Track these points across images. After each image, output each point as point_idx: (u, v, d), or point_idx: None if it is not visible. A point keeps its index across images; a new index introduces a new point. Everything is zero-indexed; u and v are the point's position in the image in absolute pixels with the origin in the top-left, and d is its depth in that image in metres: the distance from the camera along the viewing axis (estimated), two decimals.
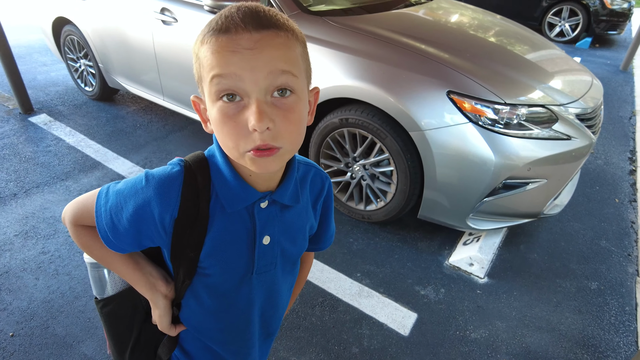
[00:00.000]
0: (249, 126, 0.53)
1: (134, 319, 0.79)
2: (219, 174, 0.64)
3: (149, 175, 0.63)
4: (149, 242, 0.67)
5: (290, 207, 0.71)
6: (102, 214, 0.65)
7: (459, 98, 1.89)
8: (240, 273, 0.70)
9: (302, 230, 0.76)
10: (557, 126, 1.96)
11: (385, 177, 2.21)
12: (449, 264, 2.15)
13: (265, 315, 0.80)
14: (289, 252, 0.75)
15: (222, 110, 0.54)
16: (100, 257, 0.71)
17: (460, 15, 2.83)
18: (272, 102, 0.54)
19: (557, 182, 2.05)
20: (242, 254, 0.69)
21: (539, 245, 2.33)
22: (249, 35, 0.52)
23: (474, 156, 1.89)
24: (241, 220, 0.67)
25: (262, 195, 0.66)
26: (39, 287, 1.92)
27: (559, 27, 6.76)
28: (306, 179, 0.74)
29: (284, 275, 0.78)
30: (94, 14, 3.16)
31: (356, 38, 2.13)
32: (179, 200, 0.62)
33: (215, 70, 0.53)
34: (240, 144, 0.55)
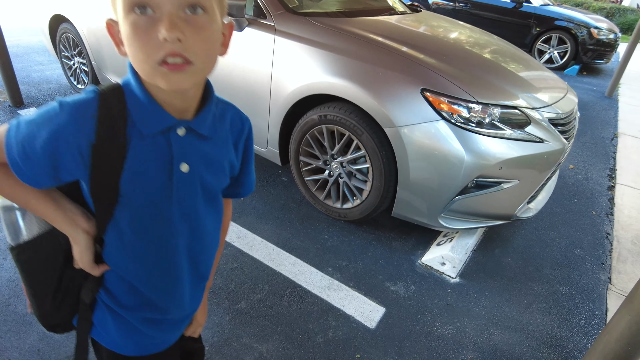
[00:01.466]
0: (160, 36, 0.54)
1: (54, 264, 0.75)
2: (134, 99, 0.64)
3: (62, 102, 0.62)
4: (67, 174, 0.65)
5: (209, 138, 0.72)
6: (14, 145, 0.62)
7: (432, 96, 1.93)
8: (159, 200, 0.70)
9: (221, 164, 0.76)
10: (530, 129, 2.00)
11: (362, 175, 2.23)
12: (421, 263, 2.15)
13: (192, 252, 0.78)
14: (208, 184, 0.75)
15: (134, 22, 0.55)
16: (12, 195, 0.68)
17: (443, 26, 2.91)
18: (184, 18, 0.56)
19: (530, 184, 2.08)
20: (160, 180, 0.69)
21: (513, 250, 2.34)
22: None
23: (446, 153, 1.92)
24: (158, 146, 0.67)
25: (178, 121, 0.67)
26: (5, 267, 1.89)
27: (548, 54, 6.94)
28: (225, 116, 0.76)
29: (208, 209, 0.78)
30: (90, 13, 3.23)
31: (337, 37, 2.19)
32: (95, 124, 0.62)
33: None
34: (151, 55, 0.56)
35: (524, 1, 6.97)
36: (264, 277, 1.95)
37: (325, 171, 2.37)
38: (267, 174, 2.81)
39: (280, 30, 2.27)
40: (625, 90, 6.07)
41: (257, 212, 2.40)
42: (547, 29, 6.83)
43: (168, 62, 0.56)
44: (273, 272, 1.98)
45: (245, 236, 2.19)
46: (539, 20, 6.88)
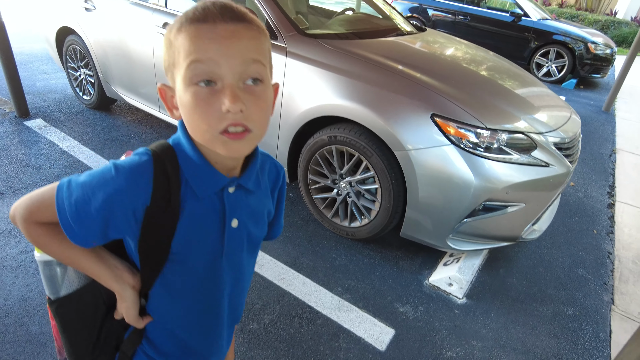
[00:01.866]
0: (223, 108, 0.57)
1: (95, 316, 0.77)
2: (187, 161, 0.66)
3: (118, 165, 0.63)
4: (116, 233, 0.67)
5: (253, 192, 0.75)
6: (67, 207, 0.63)
7: (442, 121, 1.98)
8: (211, 256, 0.72)
9: (263, 215, 0.79)
10: (536, 153, 2.05)
11: (370, 195, 2.26)
12: (428, 283, 2.18)
13: (233, 299, 0.81)
14: (253, 235, 0.78)
15: (197, 94, 0.58)
16: (59, 254, 0.69)
17: (450, 47, 2.97)
18: (244, 89, 0.59)
19: (535, 207, 2.12)
20: (213, 238, 0.71)
21: (517, 270, 2.38)
22: (226, 26, 0.57)
23: (455, 177, 1.96)
24: (211, 205, 0.69)
25: (230, 180, 0.69)
26: (17, 285, 1.91)
27: (546, 67, 7.04)
28: (264, 167, 0.79)
29: (248, 258, 0.81)
30: (98, 26, 3.26)
31: (347, 60, 2.23)
32: (150, 187, 0.63)
33: (193, 55, 0.57)
34: (213, 125, 0.58)
35: (522, 15, 7.07)
36: (274, 297, 1.98)
37: (333, 190, 2.40)
38: None
39: (291, 52, 2.31)
40: (621, 105, 6.16)
41: None
42: (545, 42, 6.93)
43: (229, 132, 0.59)
44: (283, 292, 2.01)
45: None
46: (537, 34, 6.98)
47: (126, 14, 3.05)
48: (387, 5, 3.41)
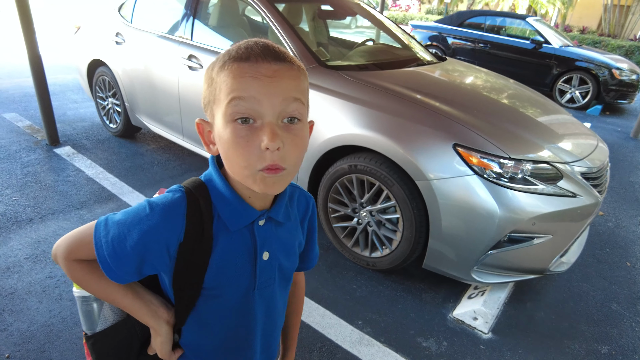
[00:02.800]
0: (262, 145, 0.58)
1: (129, 351, 0.78)
2: (219, 196, 0.68)
3: (152, 203, 0.66)
4: (151, 269, 0.68)
5: (283, 224, 0.75)
6: (104, 245, 0.65)
7: (465, 151, 1.95)
8: (243, 290, 0.73)
9: (294, 246, 0.80)
10: (563, 183, 2.00)
11: (391, 225, 2.23)
12: (452, 317, 2.11)
13: (266, 332, 0.81)
14: (284, 267, 0.78)
15: (236, 131, 0.59)
16: (97, 290, 0.71)
17: (471, 76, 2.96)
18: (282, 127, 0.60)
19: (563, 239, 2.05)
20: (245, 271, 0.71)
21: (546, 304, 2.28)
22: (269, 65, 0.59)
23: (479, 208, 1.91)
24: (242, 238, 0.70)
25: (260, 213, 0.70)
26: (41, 310, 1.93)
27: (570, 94, 6.94)
28: (293, 198, 0.79)
29: (281, 291, 0.80)
30: (127, 58, 3.40)
31: (368, 91, 2.25)
32: (184, 224, 0.65)
33: (235, 92, 0.58)
34: (252, 163, 0.60)
35: (543, 42, 7.05)
36: None
37: (353, 219, 2.38)
38: None
39: (313, 84, 2.34)
40: None
41: None
42: (567, 69, 6.86)
43: (267, 168, 0.60)
44: (303, 324, 1.97)
45: None
46: (559, 61, 6.93)
47: (153, 47, 3.17)
48: (406, 35, 3.45)
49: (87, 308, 0.75)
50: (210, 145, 0.67)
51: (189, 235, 0.65)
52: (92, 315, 0.76)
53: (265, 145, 0.58)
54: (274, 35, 2.60)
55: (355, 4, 3.40)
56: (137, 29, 3.37)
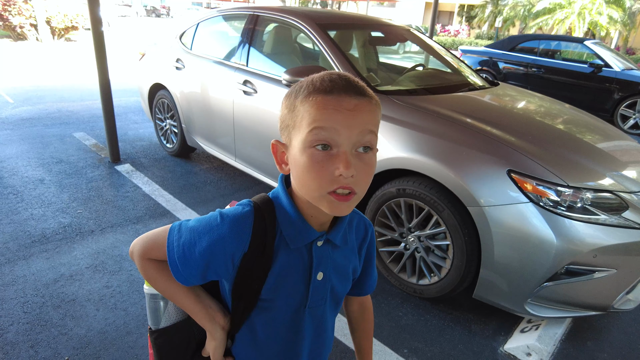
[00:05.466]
0: (337, 172, 0.62)
1: (186, 350, 0.83)
2: (283, 214, 0.72)
3: (223, 214, 0.71)
4: (214, 275, 0.73)
5: (340, 247, 0.78)
6: (175, 248, 0.71)
7: (519, 177, 1.89)
8: (295, 306, 0.76)
9: (347, 271, 0.82)
10: (628, 214, 1.87)
11: (441, 251, 2.18)
12: (503, 351, 2.00)
13: (313, 352, 0.82)
14: (337, 290, 0.81)
15: (314, 156, 0.63)
16: (164, 289, 0.77)
17: (524, 101, 2.89)
18: (355, 155, 0.64)
19: (629, 274, 1.91)
20: (299, 288, 0.75)
21: (609, 345, 2.11)
22: (350, 99, 0.63)
23: (534, 237, 1.83)
24: (300, 256, 0.74)
25: (320, 234, 0.73)
26: (98, 318, 2.03)
27: (634, 119, 6.55)
28: (352, 223, 0.82)
29: (331, 312, 0.83)
30: (185, 82, 3.61)
31: (419, 115, 2.25)
32: (250, 236, 0.70)
33: (318, 122, 0.62)
34: (324, 186, 0.64)
35: (603, 66, 6.75)
36: (337, 353, 1.91)
37: (400, 244, 2.34)
38: None
39: None
40: None
41: None
42: (631, 93, 6.50)
43: (337, 193, 0.64)
44: (346, 349, 1.94)
45: None
46: (621, 85, 6.58)
47: (210, 72, 3.35)
48: (455, 59, 3.43)
49: (154, 305, 0.82)
50: (283, 165, 0.72)
51: (253, 247, 0.70)
52: (158, 312, 0.82)
53: (340, 172, 0.62)
54: (325, 61, 2.67)
55: (405, 30, 3.44)
56: (196, 55, 3.58)
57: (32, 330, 1.93)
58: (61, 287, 2.23)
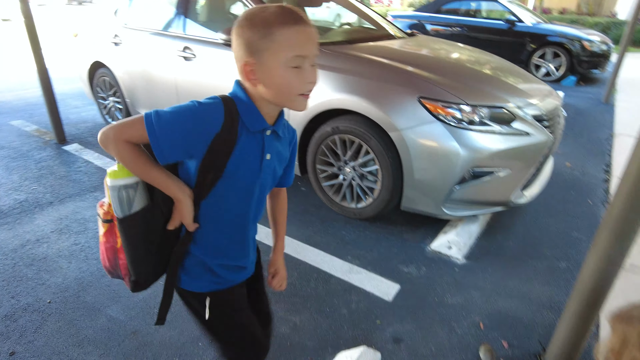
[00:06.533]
0: (308, 81, 0.89)
1: (155, 229, 0.98)
2: (243, 106, 0.93)
3: (200, 102, 0.89)
4: (188, 154, 0.90)
5: (281, 138, 1.03)
6: (156, 128, 0.85)
7: (428, 102, 2.26)
8: (251, 178, 0.99)
9: (284, 157, 1.08)
10: (516, 124, 2.30)
11: (372, 176, 2.53)
12: (430, 249, 2.41)
13: (255, 215, 1.08)
14: (276, 170, 1.06)
15: (294, 72, 0.87)
16: (140, 168, 0.90)
17: (436, 46, 3.28)
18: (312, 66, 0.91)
19: (521, 172, 2.36)
20: (255, 165, 0.98)
21: (514, 235, 2.59)
22: (311, 29, 0.88)
23: (444, 150, 2.22)
24: (256, 140, 0.96)
25: (269, 125, 0.97)
26: (71, 268, 2.22)
27: (545, 68, 7.28)
28: (286, 125, 1.08)
29: (270, 186, 1.08)
30: (125, 57, 3.70)
31: (342, 60, 2.56)
32: (222, 119, 0.88)
33: (298, 51, 0.85)
34: (299, 91, 0.89)
35: (516, 21, 7.39)
36: (292, 265, 2.23)
37: (339, 176, 2.68)
38: None
39: None
40: (621, 96, 6.32)
41: None
42: (541, 45, 7.20)
43: (304, 94, 0.91)
44: (300, 262, 2.27)
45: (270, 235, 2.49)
46: (533, 38, 7.27)
47: (150, 44, 3.47)
48: (380, 17, 3.76)
49: (122, 195, 0.93)
50: (251, 79, 0.91)
51: (224, 129, 0.89)
52: (127, 200, 0.94)
53: (311, 81, 0.90)
54: None
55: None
56: (134, 29, 3.67)
57: (9, 285, 2.09)
58: (29, 249, 2.37)
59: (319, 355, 1.70)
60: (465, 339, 1.81)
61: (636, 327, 1.03)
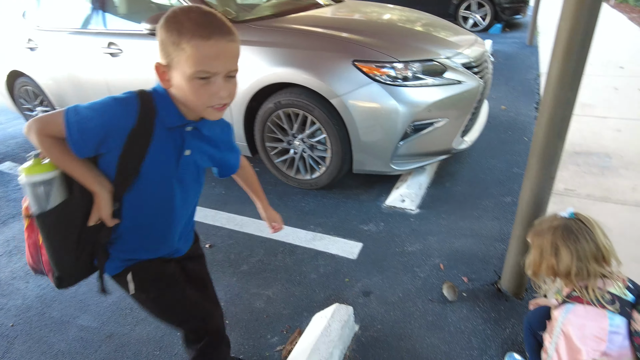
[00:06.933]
0: (216, 96, 0.88)
1: (74, 224, 0.96)
2: (161, 102, 0.93)
3: (115, 97, 0.90)
4: (105, 147, 0.91)
5: (206, 136, 1.04)
6: (74, 123, 0.87)
7: (362, 64, 2.32)
8: (168, 174, 1.00)
9: (211, 154, 1.08)
10: (447, 74, 2.42)
11: (322, 145, 2.59)
12: (385, 205, 2.52)
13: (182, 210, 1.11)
14: (199, 165, 1.07)
15: (199, 85, 0.86)
16: (61, 161, 0.91)
17: (363, 8, 3.33)
18: (227, 80, 0.89)
19: (458, 120, 2.49)
20: (171, 160, 0.99)
21: (461, 180, 2.75)
22: (225, 44, 0.85)
23: (384, 109, 2.30)
24: (173, 136, 0.97)
25: (188, 122, 0.98)
26: (30, 287, 2.14)
27: (472, 19, 7.55)
28: (219, 123, 1.09)
29: (193, 183, 1.09)
30: (45, 62, 3.47)
31: (274, 34, 2.55)
32: (137, 113, 0.90)
33: (201, 67, 0.84)
34: (206, 103, 0.89)
35: None
36: (257, 244, 2.27)
37: (290, 150, 2.71)
38: None
39: None
40: (543, 37, 6.70)
41: (240, 200, 2.71)
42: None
43: (215, 106, 0.91)
44: (265, 239, 2.31)
45: (234, 219, 2.51)
46: None
47: (69, 44, 3.27)
48: None
49: (38, 191, 0.91)
50: (165, 81, 0.91)
51: (139, 123, 0.90)
52: (44, 197, 0.92)
53: (218, 96, 0.88)
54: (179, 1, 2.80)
55: None
56: (48, 31, 3.43)
57: None
58: None
59: (295, 321, 1.78)
60: (429, 281, 1.95)
61: (547, 238, 1.18)
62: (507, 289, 1.83)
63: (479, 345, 1.61)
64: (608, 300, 1.09)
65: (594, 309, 1.09)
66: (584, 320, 1.09)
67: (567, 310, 1.13)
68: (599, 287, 1.11)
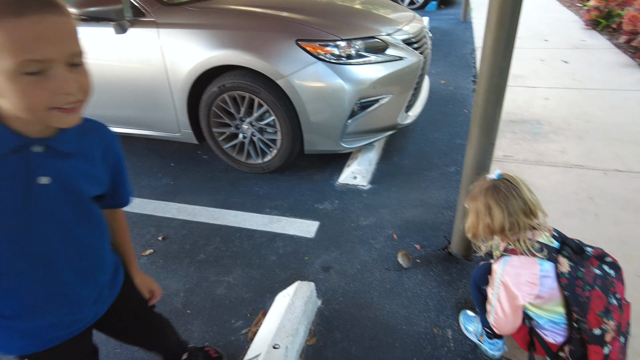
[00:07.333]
0: (58, 92, 0.64)
1: None
2: None
3: None
4: None
5: (73, 154, 0.78)
6: None
7: (306, 43, 2.31)
8: (15, 212, 0.73)
9: (88, 176, 0.83)
10: (389, 51, 2.47)
11: (271, 128, 2.57)
12: (338, 183, 2.57)
13: (74, 261, 0.84)
14: (77, 193, 0.80)
15: (28, 82, 0.63)
16: None
17: None
18: (71, 70, 0.67)
19: (402, 95, 2.57)
20: (16, 195, 0.72)
21: (408, 154, 2.85)
22: (46, 19, 0.62)
23: (331, 88, 2.32)
24: (13, 162, 0.71)
25: (32, 140, 0.72)
26: None
27: None
28: (92, 132, 0.83)
29: (79, 219, 0.83)
30: None
31: (212, 15, 2.47)
32: None
33: (22, 55, 0.61)
34: (46, 105, 0.65)
35: None
36: (213, 232, 2.24)
37: (239, 135, 2.67)
38: (188, 156, 3.03)
39: (162, 23, 2.48)
40: (477, 14, 6.99)
41: (190, 189, 2.65)
42: None
43: (63, 108, 0.67)
44: (220, 227, 2.28)
45: (185, 209, 2.45)
46: None
47: None
48: None
49: None
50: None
51: None
52: None
53: (61, 92, 0.65)
54: None
55: None
56: None
57: None
58: None
59: (258, 303, 1.79)
60: (384, 251, 2.02)
61: (480, 200, 1.28)
62: (457, 252, 1.95)
63: (435, 307, 1.71)
64: (537, 249, 1.20)
65: (527, 258, 1.19)
66: (518, 270, 1.20)
67: (505, 262, 1.23)
68: (529, 238, 1.22)
